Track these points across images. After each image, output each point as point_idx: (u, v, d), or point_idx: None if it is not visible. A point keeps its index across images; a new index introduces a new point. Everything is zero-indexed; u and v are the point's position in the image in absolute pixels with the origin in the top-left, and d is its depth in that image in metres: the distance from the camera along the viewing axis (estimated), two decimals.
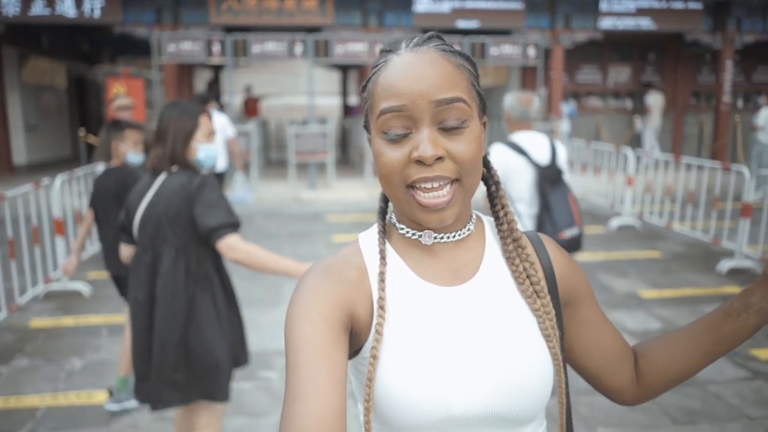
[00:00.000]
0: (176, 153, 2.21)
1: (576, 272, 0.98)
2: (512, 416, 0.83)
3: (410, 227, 0.89)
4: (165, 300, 2.16)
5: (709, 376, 3.65)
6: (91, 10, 9.96)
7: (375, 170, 0.85)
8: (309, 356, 0.75)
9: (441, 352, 0.81)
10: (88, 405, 3.35)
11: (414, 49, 0.81)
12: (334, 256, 0.89)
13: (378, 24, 10.78)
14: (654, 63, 13.15)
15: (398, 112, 0.78)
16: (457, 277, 0.87)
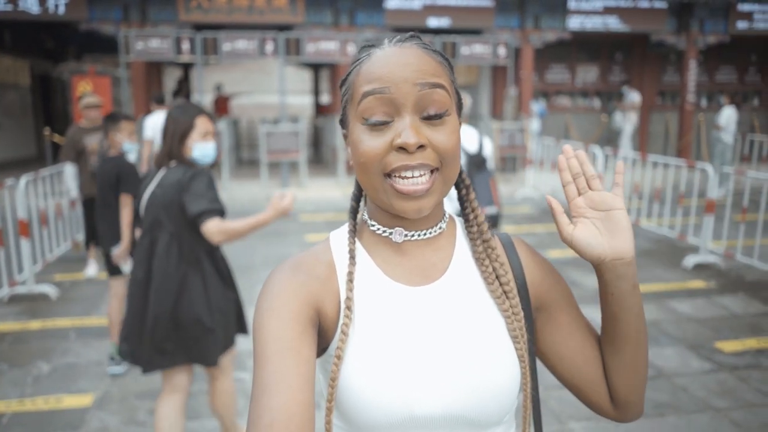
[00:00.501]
0: (173, 150, 2.45)
1: (552, 276, 0.95)
2: (476, 419, 0.82)
3: (382, 224, 0.88)
4: (159, 278, 2.41)
5: (675, 368, 3.74)
6: (55, 6, 9.72)
7: (348, 166, 0.83)
8: (277, 351, 0.74)
9: (405, 353, 0.81)
10: (57, 410, 3.28)
11: (397, 44, 0.82)
12: (304, 253, 0.89)
13: (349, 23, 10.76)
14: (621, 63, 13.40)
15: (381, 94, 0.78)
16: (426, 277, 0.87)
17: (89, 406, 3.31)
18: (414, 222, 0.87)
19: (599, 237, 0.83)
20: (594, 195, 0.85)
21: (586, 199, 0.85)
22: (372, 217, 0.89)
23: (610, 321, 0.88)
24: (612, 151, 8.42)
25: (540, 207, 8.97)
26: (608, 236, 0.83)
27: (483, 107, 12.78)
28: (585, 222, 0.84)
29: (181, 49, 9.59)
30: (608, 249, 0.83)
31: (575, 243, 0.84)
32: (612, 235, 0.83)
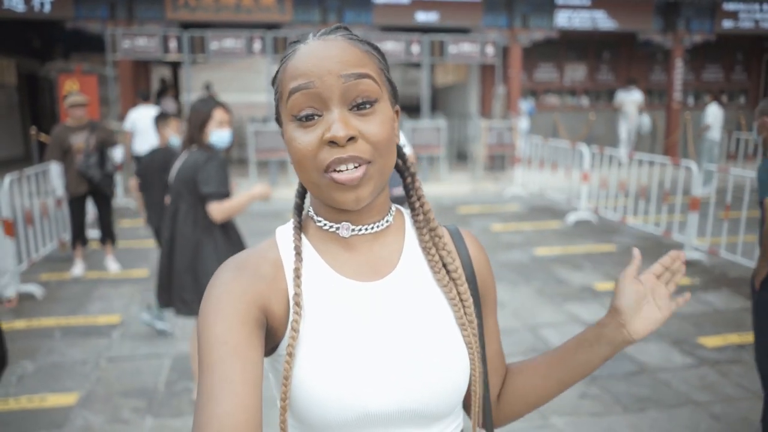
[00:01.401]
0: (194, 136, 3.02)
1: (491, 277, 0.99)
2: (429, 412, 0.83)
3: (328, 219, 0.87)
4: (180, 240, 3.02)
5: (658, 363, 3.78)
6: (41, 4, 9.65)
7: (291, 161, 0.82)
8: (222, 356, 0.73)
9: (357, 350, 0.81)
10: (41, 409, 3.28)
11: (321, 38, 0.80)
12: (249, 251, 0.87)
13: (337, 21, 10.76)
14: (609, 62, 13.48)
15: (306, 89, 0.77)
16: (375, 272, 0.86)
17: (73, 405, 3.31)
18: (360, 216, 0.86)
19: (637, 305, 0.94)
20: (662, 289, 0.95)
21: (656, 284, 0.95)
22: (318, 213, 0.88)
23: (564, 363, 0.96)
24: (599, 150, 8.47)
25: (528, 205, 9.02)
26: (639, 314, 0.94)
27: (472, 106, 12.82)
28: (646, 297, 0.95)
29: (168, 48, 9.56)
30: (644, 326, 0.94)
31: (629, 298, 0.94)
32: (641, 316, 0.94)
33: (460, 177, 11.04)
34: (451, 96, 14.51)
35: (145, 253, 6.35)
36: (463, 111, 13.24)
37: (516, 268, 5.82)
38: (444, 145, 10.51)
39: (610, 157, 8.35)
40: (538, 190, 9.68)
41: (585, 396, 3.41)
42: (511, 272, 5.67)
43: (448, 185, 10.33)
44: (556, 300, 4.96)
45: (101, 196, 5.65)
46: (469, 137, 11.79)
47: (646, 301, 0.93)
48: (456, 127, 13.28)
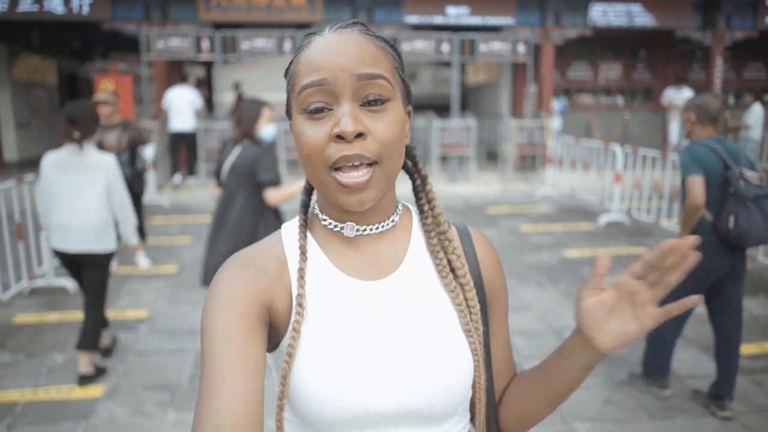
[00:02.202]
0: (248, 131, 3.45)
1: (501, 277, 0.95)
2: (429, 413, 0.82)
3: (333, 218, 0.86)
4: (238, 224, 3.37)
5: (688, 370, 3.67)
6: (79, 6, 9.91)
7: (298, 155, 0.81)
8: (224, 351, 0.73)
9: (359, 349, 0.80)
10: (68, 400, 3.35)
11: (338, 31, 0.79)
12: (254, 247, 0.87)
13: (368, 20, 10.76)
14: (645, 60, 13.18)
15: (319, 86, 0.76)
16: (379, 272, 0.85)
17: (99, 397, 3.38)
18: (365, 216, 0.85)
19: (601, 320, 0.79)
20: (647, 294, 0.76)
21: (639, 289, 0.77)
22: (323, 211, 0.88)
23: (548, 375, 0.89)
24: (632, 149, 8.28)
25: (559, 206, 8.88)
26: (607, 327, 0.79)
27: (503, 105, 12.69)
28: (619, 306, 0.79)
29: (200, 48, 9.70)
30: (612, 341, 0.79)
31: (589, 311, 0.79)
32: (608, 330, 0.79)
33: (489, 177, 10.94)
34: (483, 95, 14.39)
35: (174, 250, 6.46)
36: (494, 110, 13.11)
37: (544, 269, 5.73)
38: (474, 145, 10.42)
39: (644, 157, 8.15)
40: (570, 191, 9.52)
41: (609, 402, 3.33)
42: (538, 274, 5.58)
43: (477, 185, 10.24)
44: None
45: (132, 194, 5.75)
46: (499, 137, 11.66)
47: (618, 312, 0.78)
48: (487, 126, 13.16)
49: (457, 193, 9.85)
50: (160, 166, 9.89)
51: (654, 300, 0.77)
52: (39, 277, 5.21)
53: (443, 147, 10.24)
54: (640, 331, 0.78)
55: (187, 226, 7.66)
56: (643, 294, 0.76)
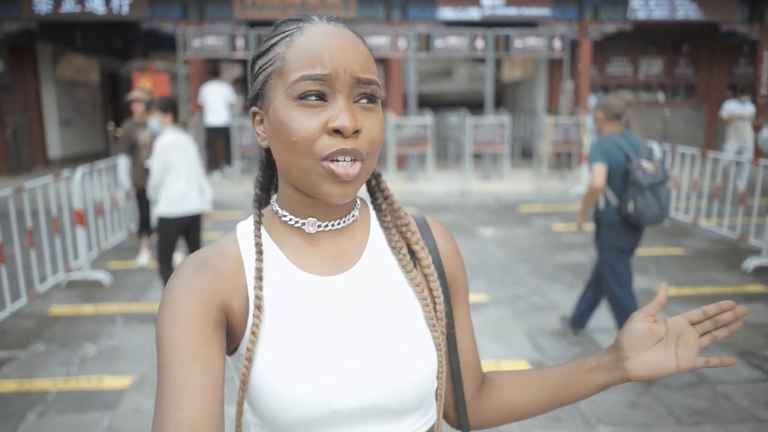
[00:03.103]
0: None
1: (459, 264, 0.95)
2: (395, 407, 0.81)
3: (294, 214, 0.85)
4: None
5: (719, 375, 3.55)
6: (119, 6, 10.17)
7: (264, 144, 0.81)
8: (181, 360, 0.71)
9: (320, 346, 0.79)
10: (97, 390, 3.45)
11: (330, 23, 0.78)
12: (209, 248, 0.84)
13: (401, 17, 10.74)
14: (688, 55, 12.78)
15: (322, 80, 0.75)
16: (338, 266, 0.84)
17: (127, 388, 3.46)
18: (328, 211, 0.84)
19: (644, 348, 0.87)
20: (694, 339, 0.85)
21: (689, 332, 0.85)
22: (283, 207, 0.86)
23: (559, 384, 0.92)
24: (670, 147, 8.04)
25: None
26: (646, 357, 0.87)
27: (539, 102, 12.50)
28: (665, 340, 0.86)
29: (235, 46, 9.84)
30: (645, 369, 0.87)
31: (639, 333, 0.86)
32: (646, 360, 0.86)
33: (523, 175, 10.79)
34: (519, 92, 14.20)
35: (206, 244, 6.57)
36: (530, 107, 12.92)
37: (574, 269, 5.62)
38: (507, 142, 10.29)
39: (683, 155, 7.91)
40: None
41: (635, 405, 3.24)
42: (568, 274, 5.48)
43: (510, 183, 10.11)
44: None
45: None
46: (534, 134, 11.49)
47: (663, 345, 0.85)
48: (523, 123, 12.98)
49: (489, 191, 9.75)
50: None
51: (698, 347, 0.85)
52: (75, 270, 5.37)
53: (476, 144, 10.14)
54: (674, 370, 0.85)
55: (220, 222, 7.78)
56: (691, 337, 0.84)
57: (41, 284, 4.99)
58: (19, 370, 3.67)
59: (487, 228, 7.24)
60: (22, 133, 11.78)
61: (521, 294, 4.97)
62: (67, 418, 3.15)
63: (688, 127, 12.46)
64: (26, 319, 4.50)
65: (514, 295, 4.94)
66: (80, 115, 13.89)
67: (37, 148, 12.24)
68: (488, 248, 6.35)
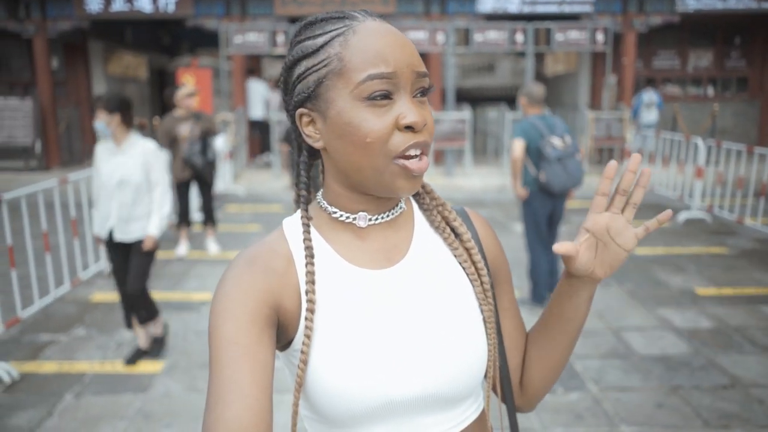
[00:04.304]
0: None
1: (501, 252, 0.98)
2: (449, 395, 0.82)
3: (345, 210, 0.85)
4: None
5: (753, 378, 3.44)
6: (165, 4, 10.47)
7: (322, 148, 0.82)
8: (232, 357, 0.72)
9: (375, 339, 0.80)
10: (131, 374, 3.59)
11: (374, 19, 0.80)
12: (258, 245, 0.85)
13: (440, 11, 10.69)
14: (740, 47, 12.28)
15: (388, 79, 0.76)
16: (388, 259, 0.85)
17: (158, 373, 3.59)
18: (378, 205, 0.86)
19: (592, 259, 0.85)
20: (620, 222, 0.83)
21: (611, 221, 0.83)
22: (333, 203, 0.86)
23: (559, 320, 0.92)
24: (716, 143, 7.76)
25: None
26: (599, 261, 0.85)
27: (582, 96, 12.24)
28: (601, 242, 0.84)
29: (276, 42, 9.99)
30: (608, 269, 0.86)
31: (581, 260, 0.84)
32: (601, 262, 0.85)
33: None
34: (562, 86, 13.93)
35: (244, 237, 6.73)
36: (573, 101, 12.67)
37: None
38: None
39: (728, 151, 7.63)
40: (649, 186, 9.06)
41: (662, 406, 3.17)
42: None
43: None
44: (649, 304, 4.63)
45: (203, 182, 6.05)
46: (576, 129, 11.27)
47: (603, 245, 0.83)
48: (564, 118, 12.74)
49: None
50: (236, 156, 10.30)
51: (629, 221, 0.82)
52: None
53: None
54: (627, 253, 0.84)
55: (259, 214, 7.95)
56: (616, 222, 0.82)
57: (84, 272, 5.21)
58: (60, 353, 3.86)
59: None
60: (74, 127, 12.27)
61: None
62: (102, 399, 3.30)
63: (740, 122, 11.99)
64: (69, 304, 4.71)
65: None
66: None
67: (89, 142, 12.71)
68: (522, 245, 6.27)
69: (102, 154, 3.60)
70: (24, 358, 3.78)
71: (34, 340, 4.05)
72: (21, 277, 4.42)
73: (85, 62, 12.57)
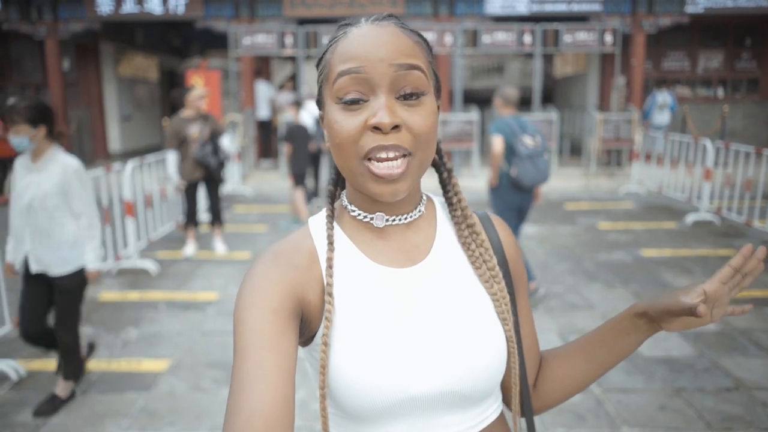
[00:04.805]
0: None
1: (519, 258, 0.98)
2: (469, 394, 0.83)
3: (362, 209, 0.88)
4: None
5: (758, 380, 3.42)
6: (175, 6, 10.55)
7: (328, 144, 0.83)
8: (257, 346, 0.74)
9: (395, 335, 0.81)
10: (137, 372, 3.63)
11: (374, 23, 0.80)
12: (284, 241, 0.87)
13: (449, 13, 10.69)
14: (751, 48, 12.19)
15: (356, 74, 0.76)
16: (409, 259, 0.87)
17: (163, 371, 3.63)
18: (394, 206, 0.87)
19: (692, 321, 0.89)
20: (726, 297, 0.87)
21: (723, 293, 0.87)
22: (351, 202, 0.89)
23: (607, 350, 0.95)
24: (724, 145, 7.71)
25: (643, 203, 8.44)
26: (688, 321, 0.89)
27: (591, 97, 12.20)
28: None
29: (284, 44, 10.04)
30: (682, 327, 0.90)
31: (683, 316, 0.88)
32: (690, 322, 0.89)
33: (571, 172, 10.57)
34: (571, 87, 13.89)
35: (251, 237, 6.77)
36: (582, 103, 12.63)
37: (615, 268, 5.49)
38: (555, 139, 10.10)
39: (737, 152, 7.57)
40: (657, 188, 9.02)
41: (664, 408, 3.16)
42: (608, 273, 5.36)
43: (557, 180, 9.93)
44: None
45: (212, 183, 6.09)
46: (585, 130, 11.23)
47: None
48: (573, 119, 12.71)
49: None
50: (244, 156, 10.35)
51: (728, 300, 0.87)
52: (125, 258, 5.64)
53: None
54: (708, 322, 0.87)
55: (266, 215, 7.99)
56: (723, 298, 0.86)
57: None
58: None
59: (529, 225, 7.14)
60: (85, 128, 12.39)
61: (557, 292, 4.90)
62: (107, 397, 3.34)
63: (750, 124, 11.90)
64: None
65: (550, 293, 4.88)
66: (139, 111, 14.47)
67: (99, 143, 12.84)
68: (529, 245, 6.27)
69: (18, 170, 3.07)
70: (31, 355, 3.83)
71: None
72: None
73: (96, 63, 12.69)
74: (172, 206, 7.17)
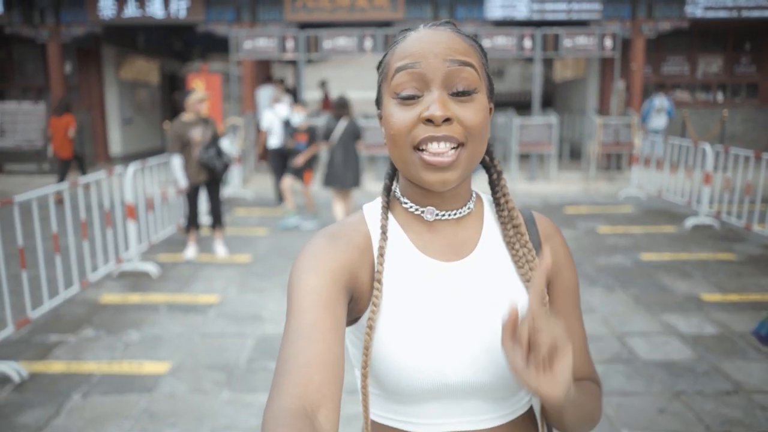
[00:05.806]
0: (346, 113, 6.53)
1: (564, 259, 0.97)
2: (500, 387, 0.87)
3: (414, 202, 0.92)
4: (346, 163, 6.48)
5: (757, 384, 3.43)
6: (177, 10, 10.59)
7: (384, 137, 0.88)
8: (315, 304, 0.77)
9: (439, 324, 0.85)
10: (138, 374, 3.64)
11: (431, 27, 0.86)
12: (340, 224, 0.92)
13: (449, 17, 10.73)
14: (750, 53, 12.22)
15: (412, 69, 0.81)
16: (455, 253, 0.91)
17: (164, 374, 3.64)
18: (445, 201, 0.90)
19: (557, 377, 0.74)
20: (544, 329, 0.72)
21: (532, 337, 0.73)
22: (404, 195, 0.93)
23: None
24: (723, 149, 7.73)
25: (643, 207, 8.46)
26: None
27: (590, 102, 12.23)
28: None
29: (285, 48, 10.07)
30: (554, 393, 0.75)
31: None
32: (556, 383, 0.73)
33: (571, 176, 10.59)
34: (570, 91, 13.93)
35: (251, 240, 6.78)
36: (581, 107, 12.66)
37: (615, 272, 5.51)
38: (555, 143, 10.12)
39: (736, 157, 7.59)
40: (657, 192, 9.04)
41: (664, 411, 3.17)
42: (608, 277, 5.37)
43: (557, 184, 9.95)
44: (654, 309, 4.63)
45: (214, 185, 6.10)
46: (584, 134, 11.26)
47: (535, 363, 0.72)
48: (573, 124, 12.74)
49: (535, 192, 9.64)
50: (245, 160, 10.37)
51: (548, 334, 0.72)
52: (126, 261, 5.65)
53: (523, 145, 10.04)
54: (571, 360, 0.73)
55: (267, 218, 8.00)
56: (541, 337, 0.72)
57: (93, 273, 5.28)
58: (69, 353, 3.92)
59: None
60: (87, 131, 12.40)
61: None
62: (108, 399, 3.35)
63: (750, 128, 11.93)
64: (78, 305, 4.78)
65: None
66: (140, 115, 14.50)
67: (100, 146, 12.87)
68: None
69: None
70: (33, 357, 3.85)
71: (43, 341, 4.12)
72: (31, 279, 4.49)
73: (97, 67, 12.72)
74: (173, 209, 7.19)
